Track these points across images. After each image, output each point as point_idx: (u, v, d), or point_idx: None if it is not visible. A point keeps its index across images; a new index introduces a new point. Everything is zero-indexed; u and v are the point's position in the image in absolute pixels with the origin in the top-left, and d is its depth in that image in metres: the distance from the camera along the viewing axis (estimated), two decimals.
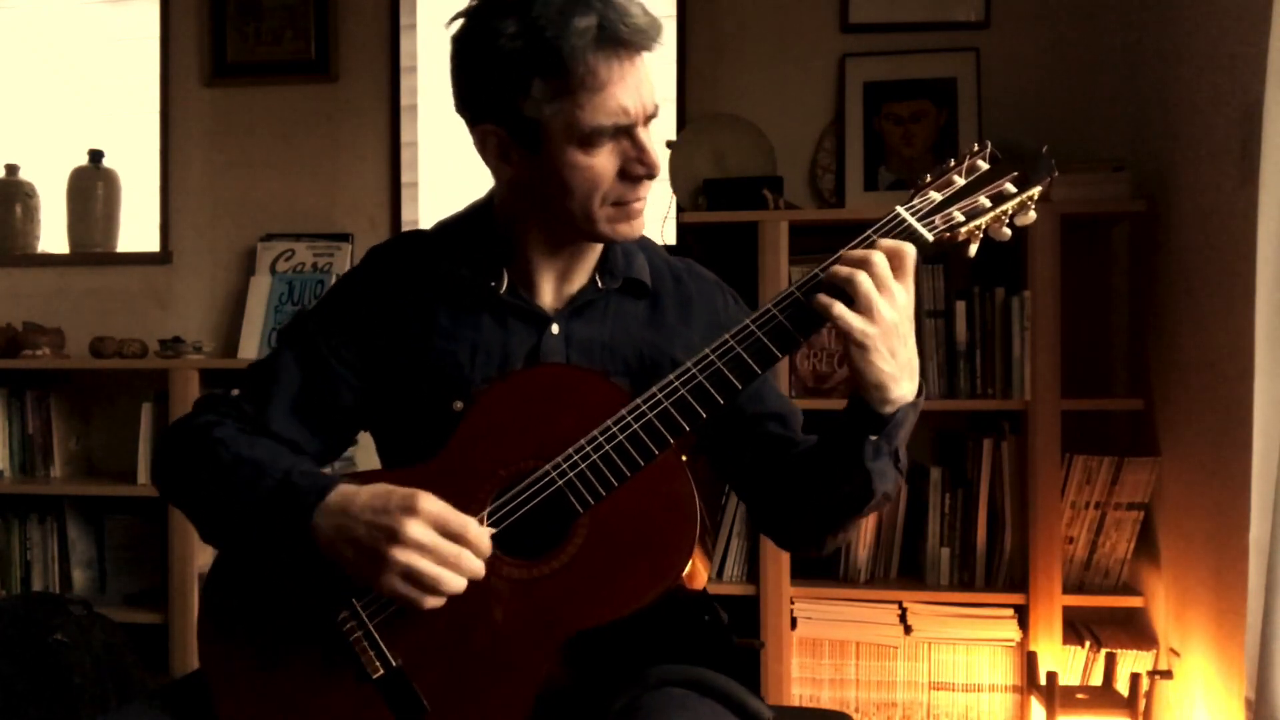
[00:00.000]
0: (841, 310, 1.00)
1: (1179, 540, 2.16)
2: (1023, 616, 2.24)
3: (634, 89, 1.07)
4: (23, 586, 2.73)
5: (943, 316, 2.33)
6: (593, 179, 1.09)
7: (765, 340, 1.04)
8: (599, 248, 1.21)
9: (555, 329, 1.19)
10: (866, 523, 2.34)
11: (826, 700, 2.30)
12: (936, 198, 1.07)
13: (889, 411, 1.03)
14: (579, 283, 1.21)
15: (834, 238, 1.09)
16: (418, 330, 1.19)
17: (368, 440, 1.30)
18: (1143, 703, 2.05)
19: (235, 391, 1.21)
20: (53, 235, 2.94)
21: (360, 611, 1.06)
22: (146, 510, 2.72)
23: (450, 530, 1.01)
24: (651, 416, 1.04)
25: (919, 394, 1.06)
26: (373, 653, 1.05)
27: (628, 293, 1.23)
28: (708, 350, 1.05)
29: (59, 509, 2.75)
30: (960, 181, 1.07)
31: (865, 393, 1.03)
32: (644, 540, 1.04)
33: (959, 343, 2.32)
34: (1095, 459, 2.23)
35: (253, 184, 2.86)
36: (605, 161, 1.09)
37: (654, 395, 1.05)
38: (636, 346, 1.21)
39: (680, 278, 1.27)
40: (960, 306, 2.32)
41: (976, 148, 1.09)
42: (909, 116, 2.56)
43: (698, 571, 1.10)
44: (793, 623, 2.31)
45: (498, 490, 1.07)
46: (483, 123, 1.12)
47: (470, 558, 1.01)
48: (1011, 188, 1.06)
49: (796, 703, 2.30)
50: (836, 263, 1.03)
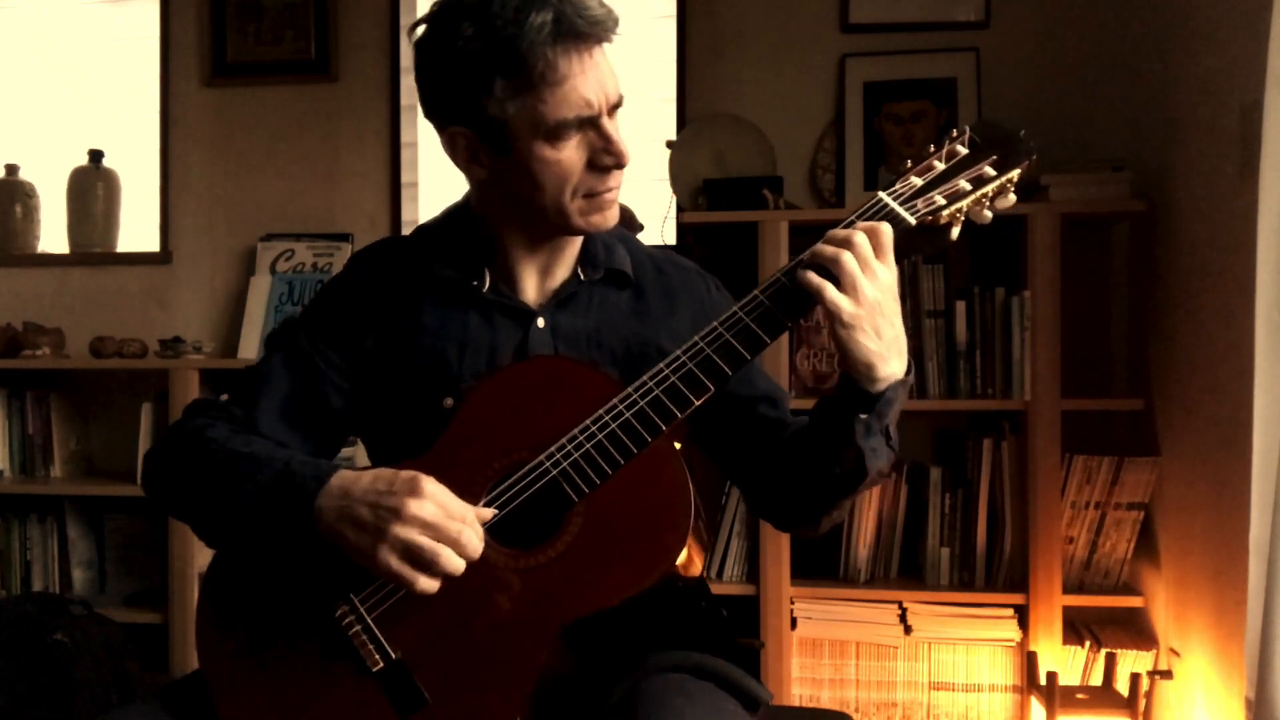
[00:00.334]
0: (831, 292, 1.02)
1: (1179, 540, 2.16)
2: (1023, 616, 2.24)
3: (595, 80, 1.08)
4: (23, 586, 2.73)
5: (943, 316, 2.33)
6: (561, 173, 1.11)
7: (753, 325, 1.06)
8: (579, 241, 1.22)
9: (541, 322, 1.20)
10: (866, 523, 2.34)
11: (826, 700, 2.30)
12: (918, 183, 1.09)
13: (878, 390, 1.05)
14: (561, 276, 1.22)
15: None
16: (405, 330, 1.20)
17: None
18: (1143, 703, 2.05)
19: (224, 397, 1.21)
20: (53, 235, 2.94)
21: (359, 606, 1.07)
22: (146, 510, 2.72)
23: (453, 511, 1.02)
24: (643, 404, 1.05)
25: (908, 372, 1.07)
26: (372, 646, 1.06)
27: (610, 284, 1.24)
28: (697, 338, 1.07)
29: (59, 509, 2.75)
30: (940, 166, 1.09)
31: (854, 371, 1.05)
32: (639, 527, 1.05)
33: (959, 343, 2.32)
34: (1095, 459, 2.24)
35: (253, 184, 2.86)
36: (573, 154, 1.10)
37: (645, 383, 1.06)
38: (622, 336, 1.22)
39: (662, 268, 1.28)
40: (960, 306, 2.32)
41: (955, 133, 1.11)
42: (909, 116, 2.56)
43: (693, 560, 1.10)
44: (793, 623, 2.31)
45: (493, 482, 1.08)
46: (450, 126, 1.13)
47: (471, 537, 1.02)
48: (991, 171, 1.08)
49: (796, 703, 2.30)
50: (820, 244, 1.05)
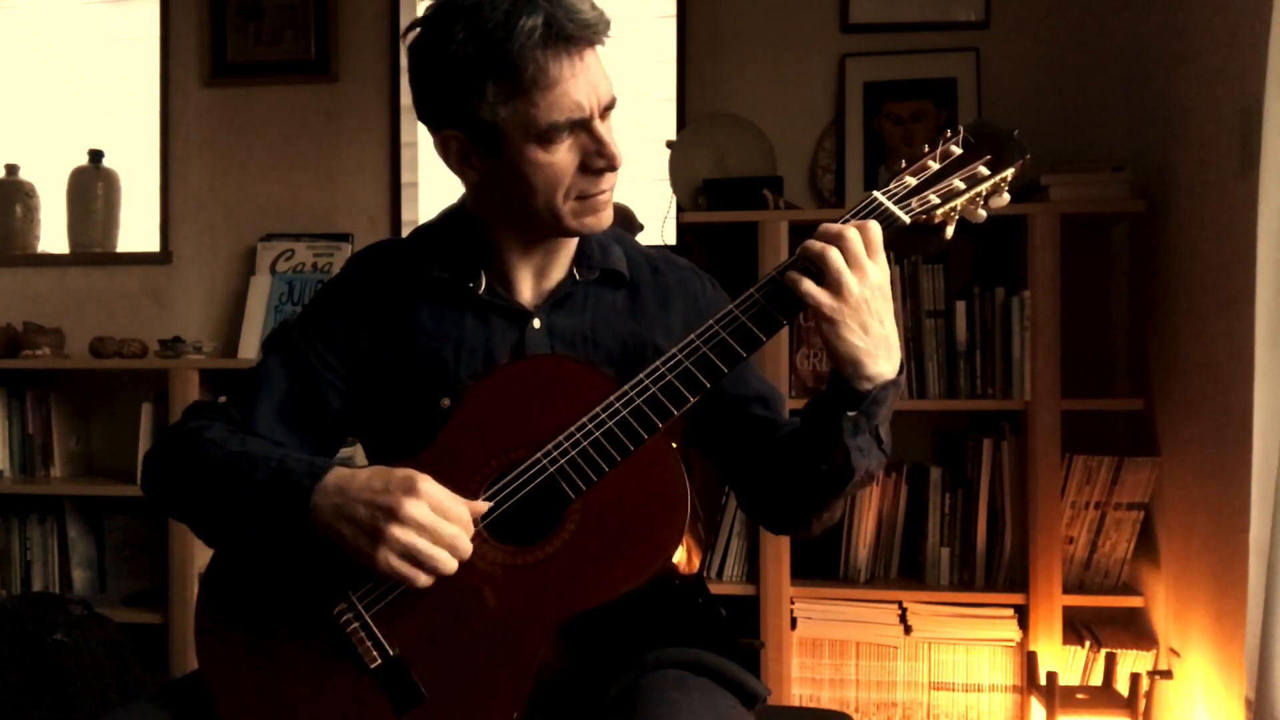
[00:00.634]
0: (809, 286, 1.02)
1: (1179, 540, 2.16)
2: (1023, 616, 2.24)
3: (587, 83, 1.08)
4: (23, 586, 2.73)
5: (943, 316, 2.33)
6: (554, 175, 1.11)
7: (748, 323, 1.06)
8: (574, 241, 1.23)
9: (537, 323, 1.20)
10: (866, 523, 2.34)
11: (826, 700, 2.30)
12: (912, 182, 1.09)
13: (866, 389, 1.05)
14: (556, 277, 1.23)
15: None
16: (401, 331, 1.20)
17: None
18: (1143, 703, 2.05)
19: (222, 399, 1.22)
20: (53, 235, 2.95)
21: (356, 603, 1.07)
22: (146, 510, 2.72)
23: (448, 512, 1.02)
24: (640, 402, 1.05)
25: (900, 373, 1.07)
26: (370, 643, 1.06)
27: (605, 283, 1.24)
28: (693, 336, 1.07)
29: (59, 509, 2.75)
30: (935, 166, 1.10)
31: (840, 369, 1.05)
32: (635, 524, 1.06)
33: (959, 343, 2.32)
34: (1095, 459, 2.23)
35: (253, 184, 2.86)
36: (565, 157, 1.10)
37: (641, 381, 1.07)
38: (618, 336, 1.22)
39: (657, 267, 1.29)
40: (960, 306, 2.32)
41: (950, 133, 1.11)
42: (909, 116, 2.56)
43: (691, 557, 1.11)
44: (793, 623, 2.31)
45: (490, 480, 1.08)
46: (443, 129, 1.14)
47: (464, 540, 1.03)
48: (984, 170, 1.09)
49: (796, 703, 2.30)
50: (809, 240, 1.05)
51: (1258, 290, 1.60)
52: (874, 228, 1.05)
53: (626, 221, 2.39)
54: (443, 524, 1.01)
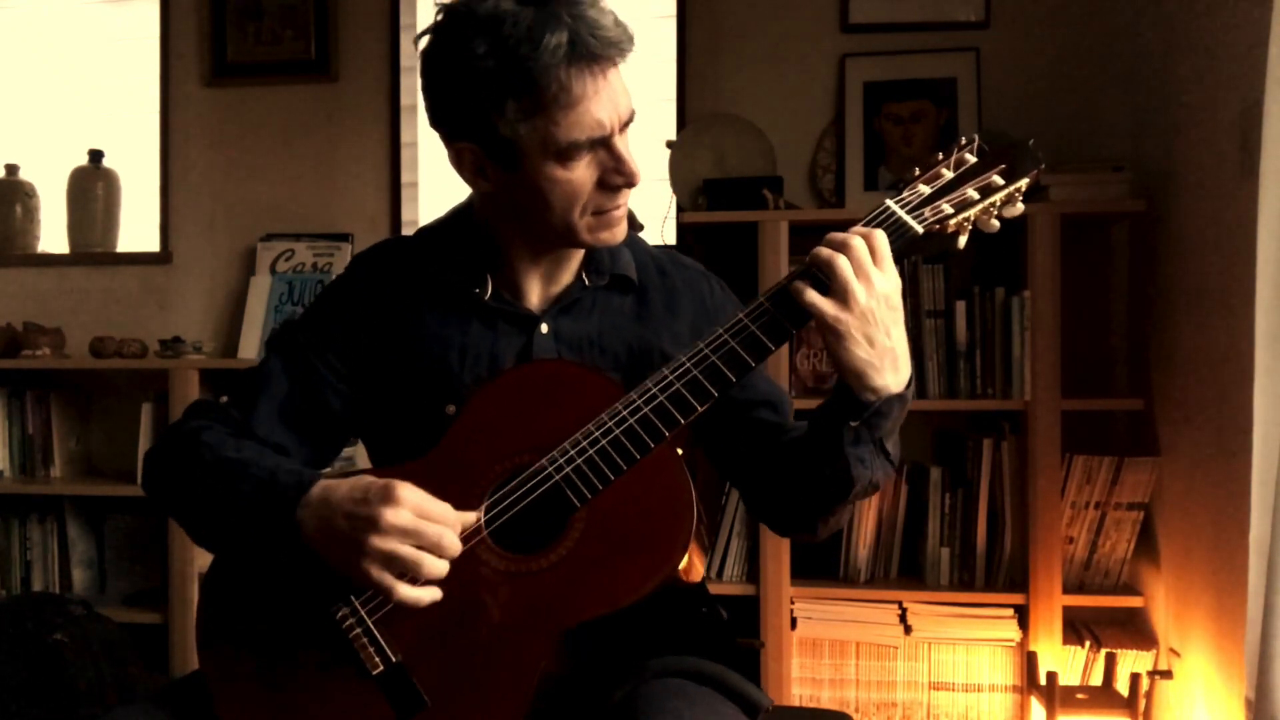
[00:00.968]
0: (813, 296, 1.01)
1: (1179, 540, 2.16)
2: (1023, 616, 2.24)
3: (608, 101, 1.07)
4: (23, 586, 2.73)
5: (943, 316, 2.33)
6: (571, 192, 1.10)
7: (757, 332, 1.05)
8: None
9: (544, 328, 1.19)
10: (866, 523, 2.34)
11: (826, 700, 2.30)
12: (925, 191, 1.08)
13: (870, 400, 1.03)
14: (564, 281, 1.21)
15: None
16: (406, 334, 1.19)
17: None
18: (1143, 703, 2.05)
19: (224, 399, 1.21)
20: (53, 235, 2.94)
21: (359, 608, 1.06)
22: (146, 510, 2.73)
23: (430, 514, 1.01)
24: (647, 410, 1.04)
25: (908, 387, 1.05)
26: (372, 649, 1.06)
27: (614, 288, 1.23)
28: (701, 344, 1.06)
29: (59, 509, 2.75)
30: (948, 175, 1.08)
31: (845, 379, 1.04)
32: (640, 533, 1.05)
33: (959, 343, 2.32)
34: (1095, 459, 2.23)
35: (253, 184, 2.86)
36: (583, 174, 1.09)
37: (649, 389, 1.06)
38: (625, 340, 1.21)
39: (665, 270, 1.27)
40: (960, 306, 2.32)
41: (964, 141, 1.10)
42: (909, 116, 2.56)
43: (694, 565, 1.10)
44: (793, 623, 2.31)
45: (495, 485, 1.08)
46: (457, 141, 1.12)
47: (451, 538, 1.02)
48: (999, 180, 1.08)
49: (796, 703, 2.30)
50: (817, 248, 1.04)
51: (1258, 290, 1.60)
52: (880, 236, 1.03)
53: (627, 221, 2.38)
54: (426, 526, 1.01)
